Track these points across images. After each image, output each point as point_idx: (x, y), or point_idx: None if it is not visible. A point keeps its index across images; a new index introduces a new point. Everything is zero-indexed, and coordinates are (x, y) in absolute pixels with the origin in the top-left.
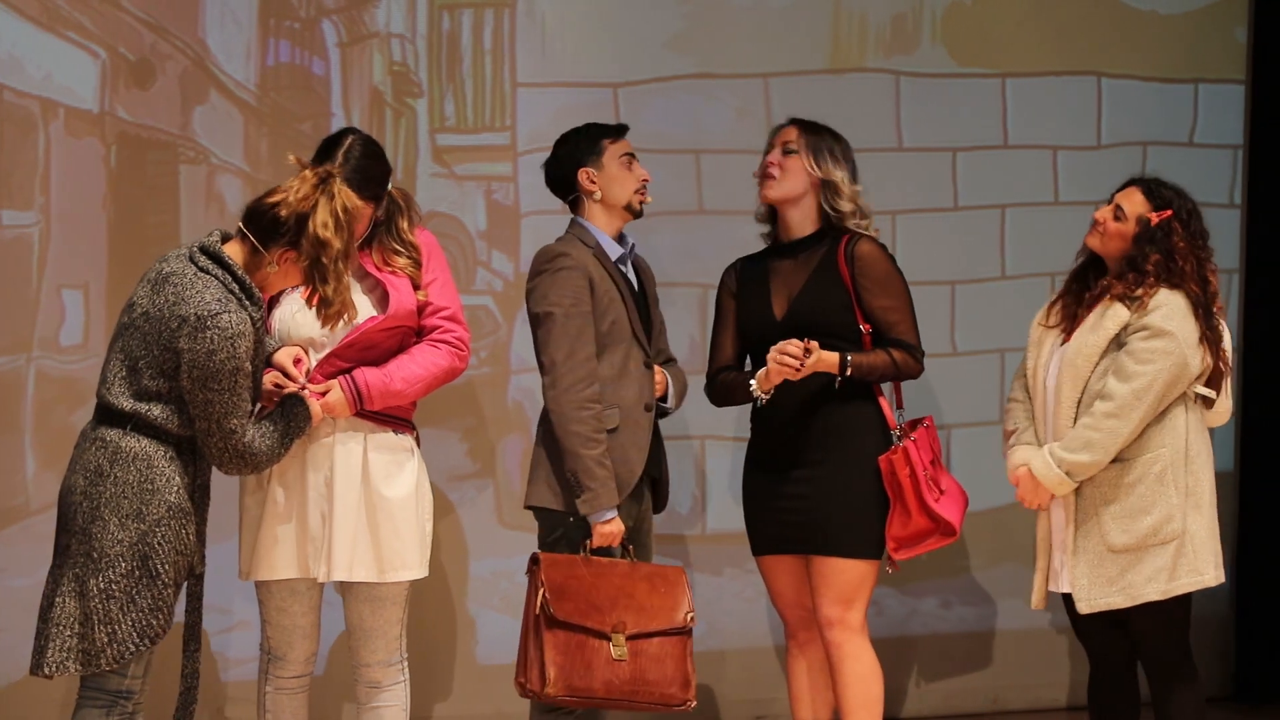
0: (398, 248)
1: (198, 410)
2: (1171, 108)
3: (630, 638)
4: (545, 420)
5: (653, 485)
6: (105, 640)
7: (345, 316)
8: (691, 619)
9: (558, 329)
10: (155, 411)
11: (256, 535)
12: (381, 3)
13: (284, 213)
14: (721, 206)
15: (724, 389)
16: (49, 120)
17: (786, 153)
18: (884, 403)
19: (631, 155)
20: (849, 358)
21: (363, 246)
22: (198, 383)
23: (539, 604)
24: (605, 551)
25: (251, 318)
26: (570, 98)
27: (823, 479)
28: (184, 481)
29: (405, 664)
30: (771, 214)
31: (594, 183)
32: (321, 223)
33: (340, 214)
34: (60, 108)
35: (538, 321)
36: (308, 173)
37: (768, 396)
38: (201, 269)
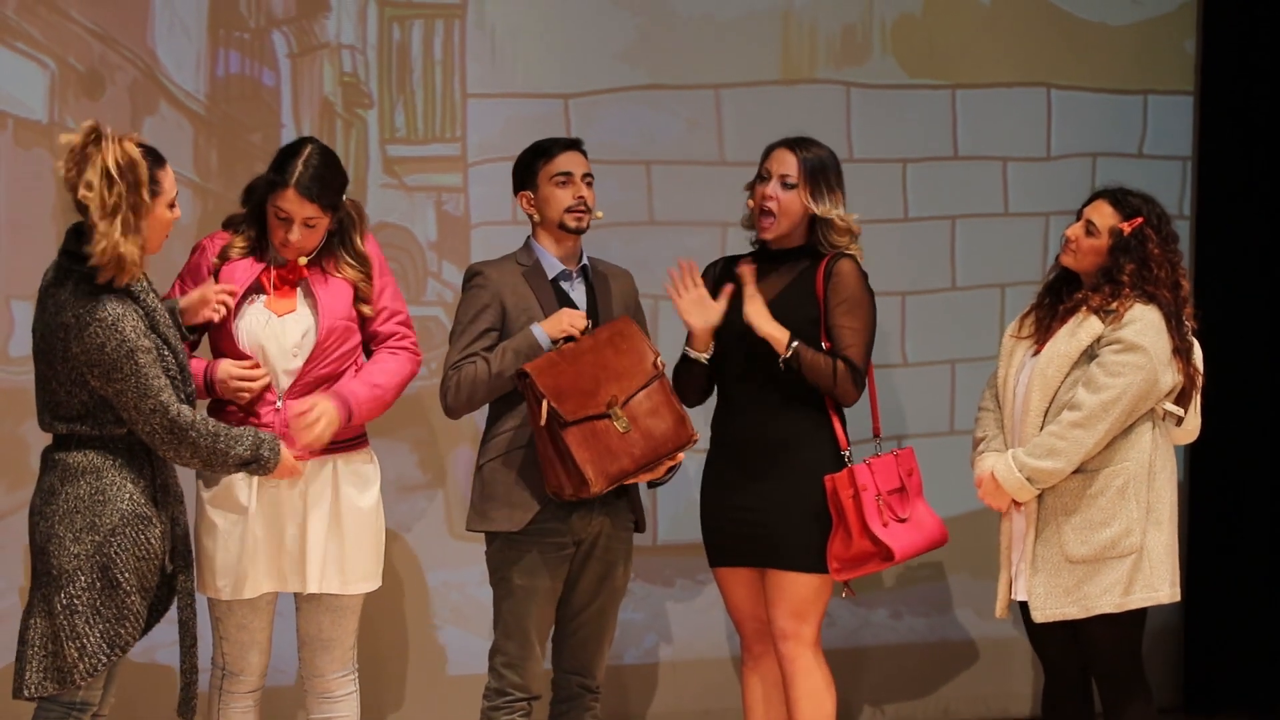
0: (350, 261)
1: (118, 404)
2: (1121, 119)
3: (623, 405)
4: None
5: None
6: (76, 655)
7: (120, 267)
8: (660, 362)
9: (453, 343)
10: (86, 426)
11: (238, 554)
12: (332, 13)
13: (71, 190)
14: (672, 217)
15: (677, 375)
16: None
17: (786, 187)
18: (836, 422)
19: (568, 174)
20: (796, 342)
21: (316, 258)
22: (103, 379)
23: (545, 414)
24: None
25: (132, 294)
26: (520, 109)
27: (776, 492)
28: (139, 486)
29: (356, 674)
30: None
31: (532, 205)
32: (85, 185)
33: (111, 170)
34: (9, 118)
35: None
36: (75, 143)
37: (706, 355)
38: (66, 269)
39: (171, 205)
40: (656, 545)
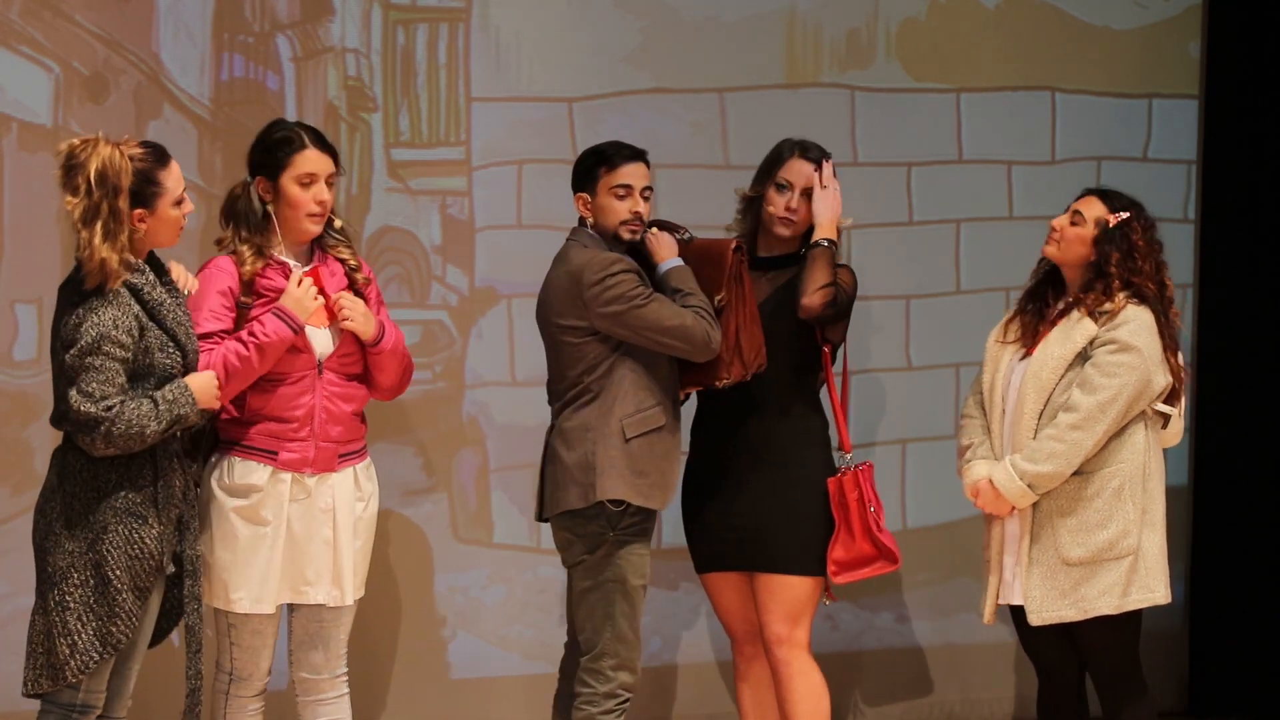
0: (336, 239)
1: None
2: (1126, 123)
3: None
4: (567, 433)
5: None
6: (68, 653)
7: (104, 273)
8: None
9: (658, 306)
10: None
11: (261, 567)
12: (336, 17)
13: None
14: (677, 221)
15: None
16: (2, 135)
17: (808, 199)
18: (841, 422)
19: (628, 187)
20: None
21: (311, 248)
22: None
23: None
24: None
25: (132, 288)
26: (525, 112)
27: (766, 496)
28: (136, 485)
29: (347, 676)
30: (753, 227)
31: (587, 209)
32: (70, 191)
33: (91, 179)
34: (14, 122)
35: (623, 318)
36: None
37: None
38: (75, 272)
39: (179, 203)
40: (660, 549)
